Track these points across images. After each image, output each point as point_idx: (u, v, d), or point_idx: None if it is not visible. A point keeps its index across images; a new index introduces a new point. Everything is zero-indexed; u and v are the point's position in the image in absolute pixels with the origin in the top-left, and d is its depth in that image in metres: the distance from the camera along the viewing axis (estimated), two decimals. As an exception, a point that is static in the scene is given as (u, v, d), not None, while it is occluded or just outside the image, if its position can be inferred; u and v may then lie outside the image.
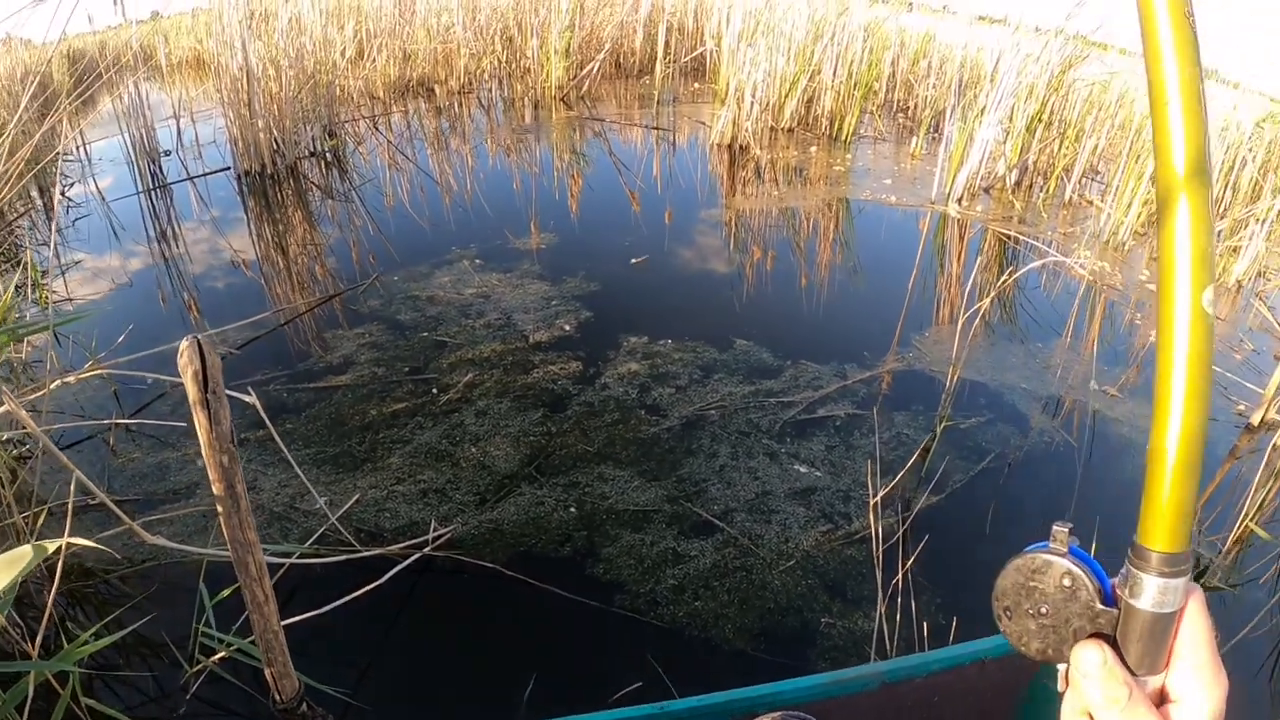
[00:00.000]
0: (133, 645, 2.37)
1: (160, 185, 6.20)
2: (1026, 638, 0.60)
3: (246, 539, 1.29)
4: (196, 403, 1.16)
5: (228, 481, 1.23)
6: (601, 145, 7.75)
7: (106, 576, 2.61)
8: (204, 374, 1.17)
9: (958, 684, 1.77)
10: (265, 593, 1.35)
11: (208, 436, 1.19)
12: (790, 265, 5.29)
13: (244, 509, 1.26)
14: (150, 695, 2.25)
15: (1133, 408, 3.83)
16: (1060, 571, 0.56)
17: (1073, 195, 7.19)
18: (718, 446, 3.31)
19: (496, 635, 2.50)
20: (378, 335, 4.03)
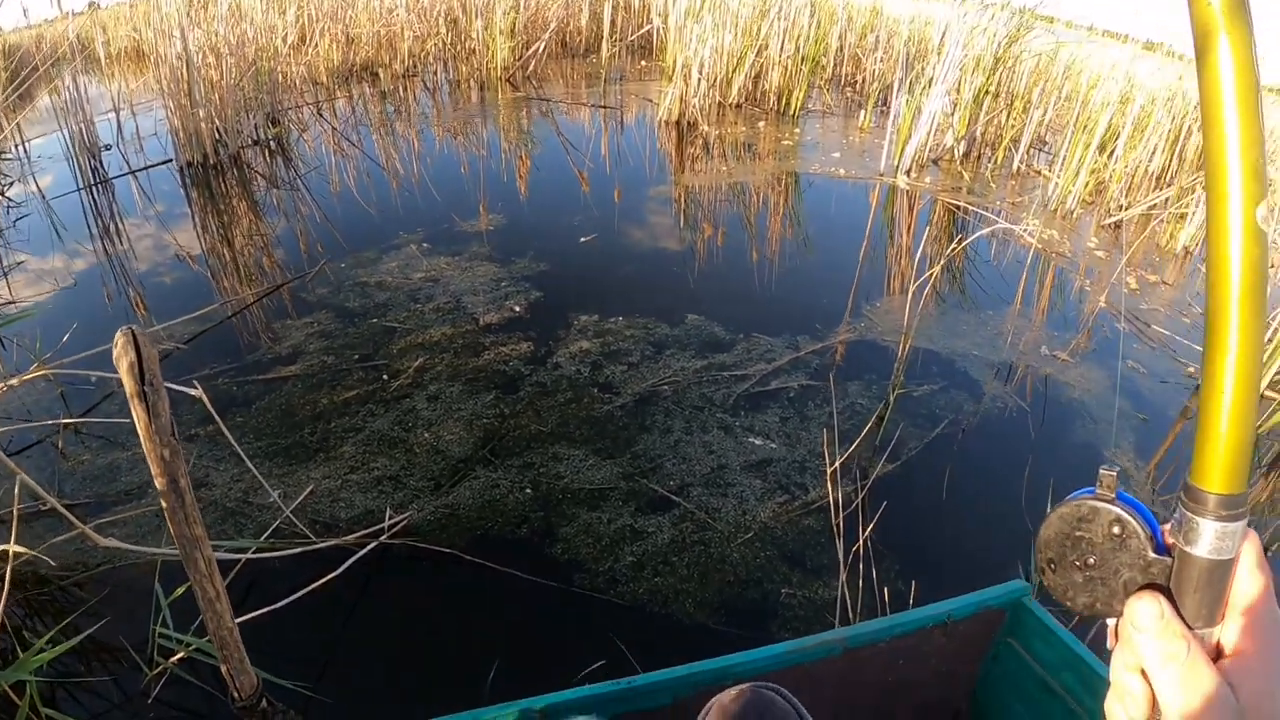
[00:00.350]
0: (92, 651, 2.31)
1: (102, 181, 6.03)
2: (1072, 591, 0.55)
3: (193, 534, 1.25)
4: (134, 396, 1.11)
5: (170, 476, 1.19)
6: (549, 125, 7.68)
7: (62, 583, 2.54)
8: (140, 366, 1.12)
9: (922, 646, 1.78)
10: (216, 589, 1.31)
11: (147, 431, 1.14)
12: (741, 240, 5.28)
13: (189, 504, 1.22)
14: (112, 701, 2.20)
15: (1084, 372, 3.88)
16: (1109, 519, 0.52)
17: (1020, 166, 7.26)
18: (672, 422, 3.29)
19: (457, 621, 2.47)
20: (326, 324, 3.96)
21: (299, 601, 2.35)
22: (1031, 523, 2.84)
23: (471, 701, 2.17)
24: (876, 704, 1.86)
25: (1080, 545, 0.53)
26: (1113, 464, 0.52)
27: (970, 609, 1.77)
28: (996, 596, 1.79)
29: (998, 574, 2.63)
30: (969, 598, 1.78)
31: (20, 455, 3.10)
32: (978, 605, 1.77)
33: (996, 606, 1.80)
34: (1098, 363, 4.03)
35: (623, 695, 1.59)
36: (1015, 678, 1.85)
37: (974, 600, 1.77)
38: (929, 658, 1.82)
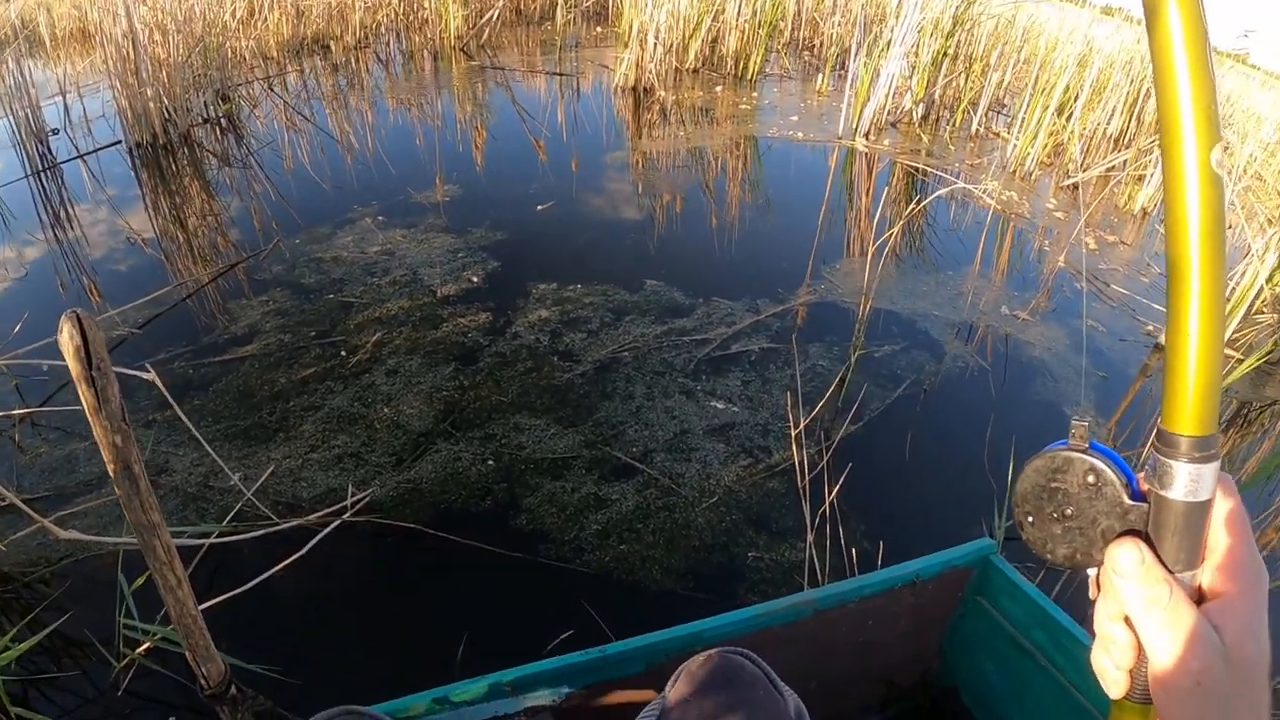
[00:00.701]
0: (60, 646, 2.27)
1: (50, 166, 5.87)
2: (1051, 544, 0.55)
3: (150, 521, 1.21)
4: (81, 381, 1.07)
5: (123, 463, 1.14)
6: (504, 94, 7.58)
7: (25, 579, 2.48)
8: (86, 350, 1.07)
9: (891, 606, 1.79)
10: (177, 576, 1.27)
11: (96, 417, 1.10)
12: (700, 205, 5.25)
13: (144, 490, 1.18)
14: (83, 696, 2.16)
15: (1044, 331, 3.90)
16: (1083, 468, 0.53)
17: (979, 128, 7.27)
18: (633, 388, 3.27)
19: (424, 596, 2.45)
20: (282, 301, 3.89)
21: (265, 584, 2.31)
22: (995, 482, 2.86)
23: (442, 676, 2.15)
24: (847, 665, 1.87)
25: (1057, 496, 0.54)
26: (1083, 415, 0.52)
27: (938, 568, 1.78)
28: (963, 555, 1.80)
29: (963, 532, 2.65)
30: (936, 557, 1.78)
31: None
32: (945, 564, 1.78)
33: (964, 565, 1.80)
34: (1058, 322, 4.06)
35: (593, 665, 1.58)
36: (984, 635, 1.86)
37: (941, 559, 1.78)
38: (898, 618, 1.83)
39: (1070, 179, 6.34)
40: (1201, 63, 0.44)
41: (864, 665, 1.90)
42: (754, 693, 1.10)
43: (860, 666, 1.90)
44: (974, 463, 2.99)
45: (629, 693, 1.63)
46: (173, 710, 2.09)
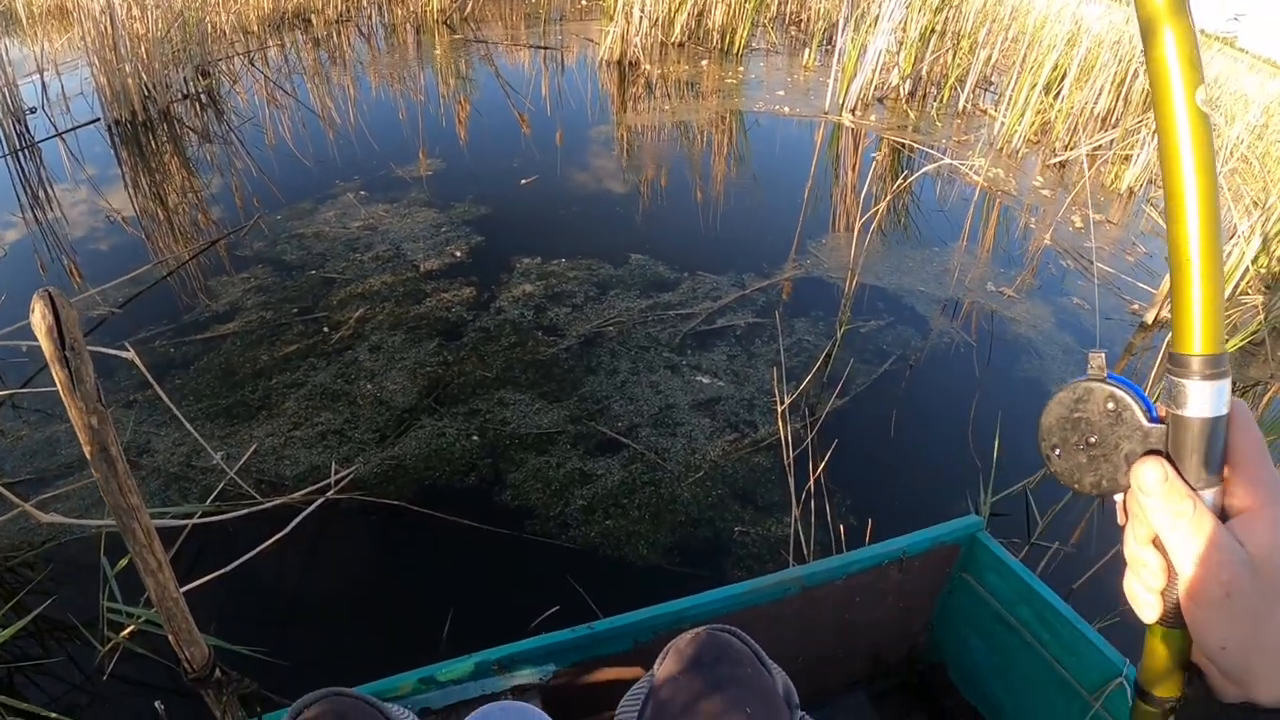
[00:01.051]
0: (45, 630, 2.25)
1: (28, 145, 5.80)
2: (1078, 473, 0.56)
3: (129, 504, 1.18)
4: (54, 361, 1.03)
5: (100, 444, 1.11)
6: (488, 68, 7.52)
7: (8, 564, 2.46)
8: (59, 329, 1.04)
9: (878, 582, 1.79)
10: (158, 559, 1.24)
11: (71, 398, 1.07)
12: (685, 179, 5.22)
13: (121, 472, 1.15)
14: (68, 680, 2.14)
15: (1029, 308, 3.89)
16: (1104, 396, 0.54)
17: (966, 105, 7.25)
18: (618, 363, 3.25)
19: (409, 573, 2.44)
20: (263, 278, 3.85)
21: (249, 564, 2.29)
22: (980, 459, 2.85)
23: (428, 653, 2.15)
24: (834, 641, 1.87)
25: (1080, 426, 0.55)
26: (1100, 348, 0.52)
27: (925, 545, 1.78)
28: (951, 532, 1.79)
29: (949, 509, 2.65)
30: (923, 533, 1.78)
31: None
32: (932, 541, 1.78)
33: (951, 542, 1.80)
34: (1043, 299, 4.06)
35: (580, 643, 1.58)
36: (970, 612, 1.87)
37: (928, 536, 1.78)
38: (885, 594, 1.83)
39: (1057, 157, 6.34)
40: (1183, 14, 0.47)
41: (851, 642, 1.90)
42: (742, 670, 1.10)
43: (847, 643, 1.90)
44: (959, 439, 2.99)
45: (616, 670, 1.62)
46: (158, 693, 2.06)
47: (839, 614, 1.81)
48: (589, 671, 1.62)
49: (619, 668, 1.63)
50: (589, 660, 1.61)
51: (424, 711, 1.54)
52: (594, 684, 1.63)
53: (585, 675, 1.62)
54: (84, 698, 2.09)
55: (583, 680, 1.62)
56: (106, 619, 2.16)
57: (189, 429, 2.53)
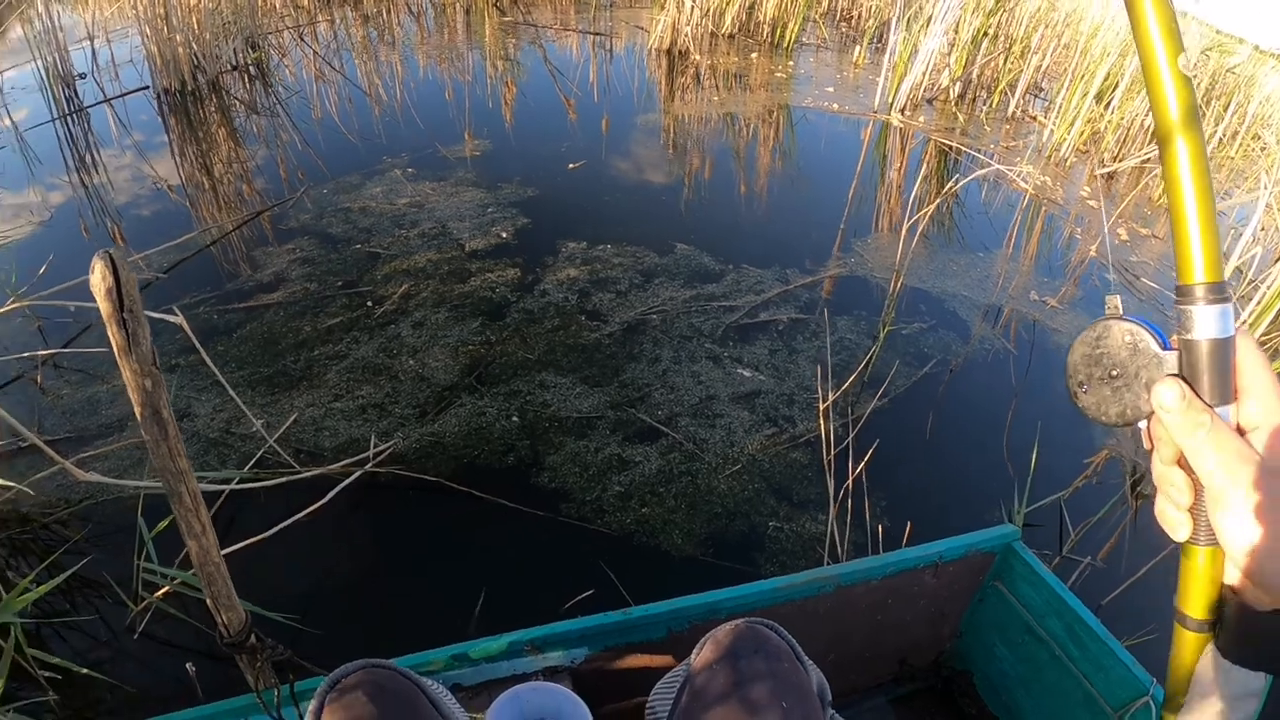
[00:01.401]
0: (77, 588, 2.28)
1: (77, 110, 5.85)
2: (1104, 405, 0.61)
3: (178, 468, 1.20)
4: (111, 322, 1.05)
5: (152, 408, 1.13)
6: (536, 52, 7.52)
7: (45, 521, 2.50)
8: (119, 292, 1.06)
9: (912, 586, 1.79)
10: (202, 523, 1.26)
11: (127, 360, 1.08)
12: (730, 171, 5.20)
13: (173, 436, 1.16)
14: (98, 638, 2.17)
15: (1072, 319, 3.85)
16: (1122, 331, 0.60)
17: (1016, 110, 7.18)
18: (660, 351, 3.26)
19: (444, 550, 2.45)
20: (309, 250, 3.88)
21: (284, 533, 2.32)
22: (1015, 468, 2.84)
23: (459, 630, 2.18)
24: (864, 642, 1.86)
25: (1102, 360, 0.61)
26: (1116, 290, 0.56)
27: (960, 551, 1.77)
28: (986, 540, 1.79)
29: (982, 515, 2.64)
30: (959, 540, 1.78)
31: None
32: (968, 548, 1.77)
33: (986, 550, 1.80)
34: (1086, 310, 4.02)
35: (616, 628, 1.58)
36: (1001, 621, 1.86)
37: (964, 543, 1.77)
38: (918, 598, 1.83)
39: (1105, 168, 6.26)
40: None
41: (880, 643, 1.90)
42: (780, 664, 1.10)
43: (876, 644, 1.90)
44: (996, 447, 2.97)
45: (649, 657, 1.63)
46: (188, 654, 2.10)
47: (871, 615, 1.80)
48: (621, 657, 1.62)
49: (651, 655, 1.63)
50: (622, 646, 1.61)
51: (455, 688, 1.54)
52: (625, 670, 1.63)
53: (617, 660, 1.63)
54: (113, 654, 2.12)
55: (614, 665, 1.63)
56: (142, 579, 2.20)
57: (232, 395, 2.56)
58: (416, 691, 1.09)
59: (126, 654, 2.12)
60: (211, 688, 1.77)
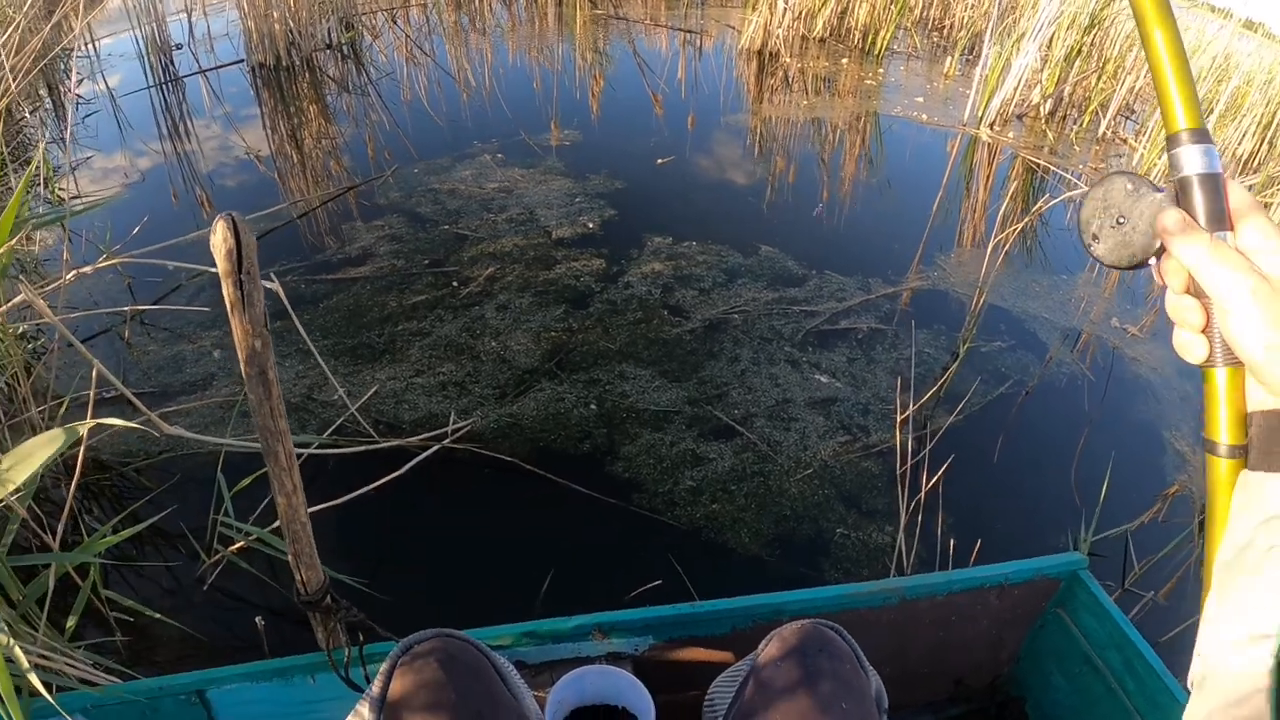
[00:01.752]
0: (149, 537, 2.37)
1: (172, 79, 6.02)
2: (1118, 251, 0.67)
3: (278, 427, 1.25)
4: (229, 282, 1.10)
5: (259, 367, 1.18)
6: (625, 46, 7.56)
7: (122, 469, 2.60)
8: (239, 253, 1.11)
9: (975, 605, 1.78)
10: (294, 483, 1.31)
11: (239, 320, 1.13)
12: (816, 175, 5.19)
13: (275, 396, 1.21)
14: (167, 586, 2.26)
15: (1151, 349, 3.78)
16: (1122, 181, 0.66)
17: (1106, 131, 7.05)
18: (740, 351, 3.29)
19: (514, 530, 2.50)
20: (397, 228, 3.97)
21: (359, 500, 2.39)
22: (1085, 495, 2.81)
23: (524, 608, 2.22)
24: (922, 658, 1.87)
25: (1109, 210, 0.67)
26: None
27: (1026, 575, 1.76)
28: (1053, 565, 1.78)
29: (1046, 541, 2.62)
30: (1026, 563, 1.77)
31: (87, 344, 3.13)
32: (1034, 572, 1.77)
33: (1052, 576, 1.79)
34: (1166, 342, 3.93)
35: (681, 620, 1.61)
36: (1060, 649, 1.85)
37: (1031, 566, 1.77)
38: (980, 619, 1.83)
39: (1195, 195, 6.13)
40: None
41: (938, 660, 1.90)
42: (842, 666, 1.12)
43: (934, 661, 1.89)
44: (1067, 474, 2.94)
45: (710, 651, 1.65)
46: (255, 609, 2.16)
47: (933, 631, 1.81)
48: (682, 649, 1.65)
49: (713, 650, 1.65)
50: (684, 638, 1.64)
51: (518, 664, 1.57)
52: (686, 662, 1.66)
53: (678, 652, 1.65)
54: (178, 602, 2.20)
55: (675, 656, 1.65)
56: (218, 533, 2.27)
57: (318, 361, 2.62)
58: (486, 664, 1.12)
59: (195, 604, 2.20)
60: (275, 644, 1.84)
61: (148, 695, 1.48)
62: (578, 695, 1.35)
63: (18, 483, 1.20)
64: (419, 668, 1.05)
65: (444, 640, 1.10)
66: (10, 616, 1.71)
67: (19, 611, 1.76)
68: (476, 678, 1.08)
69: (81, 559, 1.81)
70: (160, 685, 1.48)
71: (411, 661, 1.06)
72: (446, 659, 1.07)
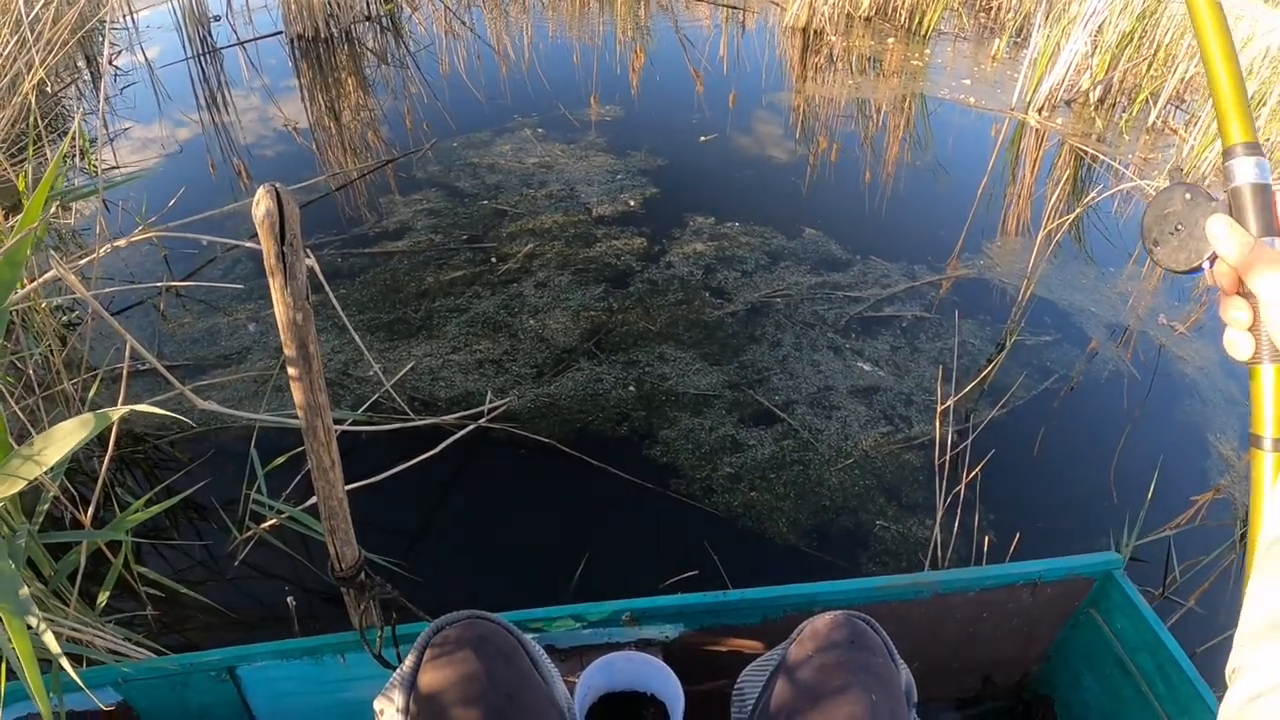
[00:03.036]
0: (182, 511, 2.39)
1: (210, 51, 6.05)
2: (1176, 255, 0.72)
3: (317, 402, 1.23)
4: (271, 254, 1.07)
5: (300, 341, 1.16)
6: (667, 21, 7.48)
7: (156, 442, 2.62)
8: (281, 225, 1.08)
9: (1008, 602, 1.77)
10: (332, 458, 1.30)
11: (282, 293, 1.11)
12: (859, 157, 5.11)
13: (315, 370, 1.20)
14: (199, 560, 2.28)
15: (1199, 348, 3.69)
16: (1180, 192, 0.72)
17: (1156, 121, 6.91)
18: (782, 335, 3.24)
19: (549, 511, 2.50)
20: (435, 202, 3.95)
21: (394, 477, 2.39)
22: (1125, 495, 2.75)
23: (558, 590, 2.22)
24: (952, 652, 1.86)
25: (1169, 219, 0.72)
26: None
27: (1060, 573, 1.74)
28: (1088, 565, 1.75)
29: (1085, 541, 2.57)
30: (1061, 562, 1.74)
31: (122, 315, 3.17)
32: (1068, 571, 1.74)
33: (1086, 575, 1.76)
34: (1212, 340, 3.84)
35: (712, 608, 1.61)
36: (1091, 649, 1.83)
37: (1065, 565, 1.74)
38: (1013, 616, 1.81)
39: (1245, 189, 5.99)
40: None
41: (968, 656, 1.88)
42: (874, 658, 1.12)
43: (964, 657, 1.88)
44: (1107, 472, 2.87)
45: (741, 640, 1.65)
46: (283, 585, 2.18)
47: (964, 627, 1.79)
48: (713, 638, 1.65)
49: (743, 639, 1.66)
50: (716, 627, 1.64)
51: (549, 648, 1.58)
52: (716, 651, 1.66)
53: (709, 641, 1.65)
54: (210, 576, 2.23)
55: (705, 645, 1.65)
56: (250, 510, 2.28)
57: (353, 337, 2.62)
58: (517, 647, 1.12)
59: (227, 580, 2.22)
60: (306, 620, 1.84)
61: (179, 670, 1.49)
62: (607, 681, 1.37)
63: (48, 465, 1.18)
64: (450, 649, 1.06)
65: (476, 622, 1.11)
66: (42, 592, 1.72)
67: (50, 587, 1.77)
68: (508, 661, 1.08)
69: (112, 536, 1.81)
70: (191, 661, 1.49)
71: (442, 643, 1.07)
72: (478, 641, 1.07)
